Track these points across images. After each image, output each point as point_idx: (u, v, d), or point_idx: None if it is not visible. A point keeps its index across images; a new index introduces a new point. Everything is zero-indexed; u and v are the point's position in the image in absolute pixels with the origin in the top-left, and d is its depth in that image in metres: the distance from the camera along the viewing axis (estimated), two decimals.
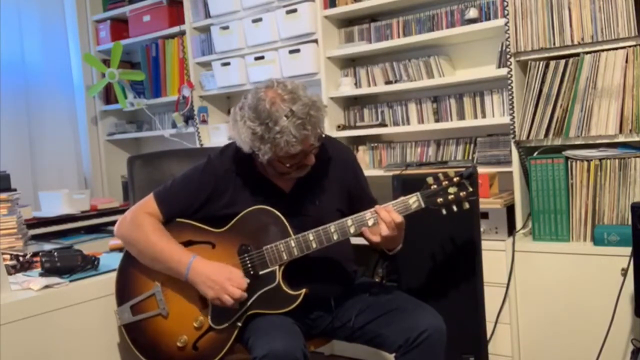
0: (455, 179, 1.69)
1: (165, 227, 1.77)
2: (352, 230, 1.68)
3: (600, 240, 2.24)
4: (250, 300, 1.69)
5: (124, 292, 1.81)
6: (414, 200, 1.68)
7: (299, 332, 1.66)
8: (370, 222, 1.67)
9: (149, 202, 1.79)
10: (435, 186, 1.70)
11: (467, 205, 1.69)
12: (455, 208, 1.69)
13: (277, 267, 1.69)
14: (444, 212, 1.69)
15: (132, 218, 1.78)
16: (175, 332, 1.74)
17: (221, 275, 1.66)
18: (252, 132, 1.62)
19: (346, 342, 1.87)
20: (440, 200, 1.69)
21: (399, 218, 1.65)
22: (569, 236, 2.36)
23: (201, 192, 1.77)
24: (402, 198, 1.70)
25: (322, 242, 1.67)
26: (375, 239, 1.68)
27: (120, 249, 2.40)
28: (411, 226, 1.76)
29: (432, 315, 1.70)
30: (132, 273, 1.80)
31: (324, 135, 1.71)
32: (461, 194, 1.68)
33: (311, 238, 1.68)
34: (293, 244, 1.68)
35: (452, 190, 1.69)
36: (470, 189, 1.69)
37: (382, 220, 1.65)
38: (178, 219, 1.78)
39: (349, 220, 1.67)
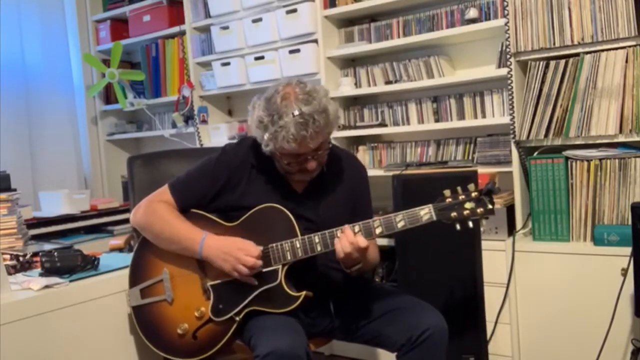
0: (474, 194, 1.59)
1: None
2: None
3: (600, 240, 2.24)
4: (251, 297, 1.70)
5: (136, 275, 1.85)
6: (425, 212, 1.60)
7: (302, 331, 1.67)
8: (377, 231, 1.65)
9: (163, 192, 1.82)
10: (450, 199, 1.60)
11: (484, 223, 1.62)
12: (471, 224, 1.59)
13: (280, 266, 1.69)
14: (458, 227, 1.60)
15: (147, 206, 1.82)
16: (177, 319, 1.77)
17: (232, 247, 1.69)
18: (259, 121, 1.66)
19: (347, 341, 1.87)
20: (454, 214, 1.59)
21: (363, 243, 1.60)
22: (569, 236, 2.36)
23: (215, 183, 1.79)
24: (413, 209, 1.62)
25: (327, 245, 1.67)
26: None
27: (120, 249, 2.40)
28: None
29: (434, 314, 1.70)
30: (146, 257, 1.85)
31: (330, 145, 1.72)
32: (478, 210, 1.58)
33: (317, 240, 1.67)
34: (298, 245, 1.68)
35: (468, 205, 1.58)
36: (490, 206, 1.58)
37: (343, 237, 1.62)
38: (193, 210, 1.81)
39: (355, 227, 1.65)
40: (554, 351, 2.34)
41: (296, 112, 1.60)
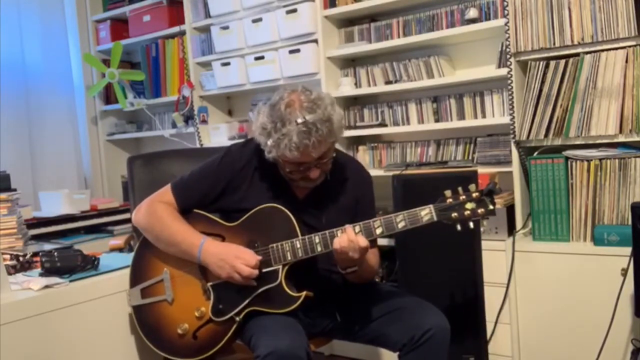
0: (474, 195, 1.60)
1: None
2: None
3: (600, 240, 2.24)
4: (251, 297, 1.70)
5: (137, 275, 1.86)
6: (426, 212, 1.61)
7: (302, 331, 1.66)
8: (378, 231, 1.65)
9: (165, 192, 1.82)
10: (451, 200, 1.60)
11: (484, 223, 1.62)
12: (472, 225, 1.59)
13: (280, 267, 1.69)
14: (458, 228, 1.60)
15: (148, 206, 1.82)
16: (177, 319, 1.77)
17: (230, 254, 1.68)
18: (263, 127, 1.66)
19: (348, 341, 1.87)
20: (455, 215, 1.59)
21: (363, 242, 1.61)
22: (569, 236, 2.36)
23: (218, 183, 1.79)
24: (414, 209, 1.62)
25: (328, 245, 1.66)
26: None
27: (120, 249, 2.40)
28: None
29: (436, 314, 1.70)
30: (146, 257, 1.85)
31: (334, 154, 1.72)
32: (479, 210, 1.58)
33: (317, 240, 1.67)
34: (298, 245, 1.68)
35: (469, 205, 1.59)
36: (491, 207, 1.58)
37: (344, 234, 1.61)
38: (195, 210, 1.81)
39: (356, 227, 1.65)
40: (554, 351, 2.34)
41: (299, 120, 1.59)
